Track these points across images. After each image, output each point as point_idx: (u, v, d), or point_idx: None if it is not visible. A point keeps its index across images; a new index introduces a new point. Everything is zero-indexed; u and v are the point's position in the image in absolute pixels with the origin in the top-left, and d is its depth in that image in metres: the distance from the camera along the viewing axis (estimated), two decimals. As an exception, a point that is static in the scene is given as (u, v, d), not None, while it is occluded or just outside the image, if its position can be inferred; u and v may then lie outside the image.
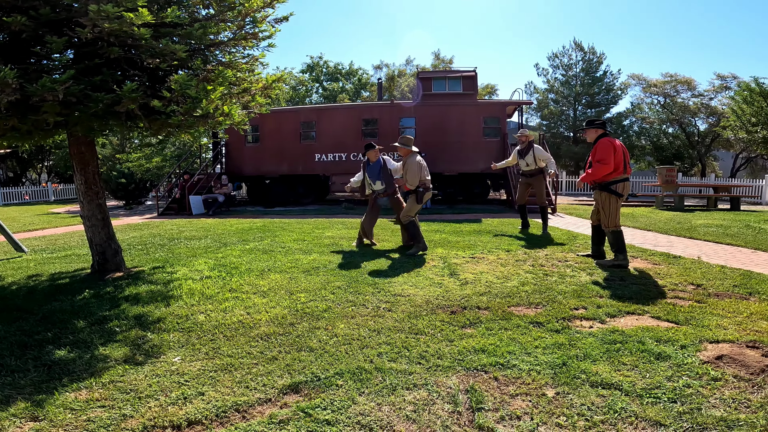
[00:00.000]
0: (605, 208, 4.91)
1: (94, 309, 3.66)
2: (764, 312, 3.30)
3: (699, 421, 1.95)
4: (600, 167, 4.78)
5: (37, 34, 3.42)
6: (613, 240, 4.88)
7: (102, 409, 2.19)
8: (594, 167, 4.84)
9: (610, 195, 4.86)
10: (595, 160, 4.83)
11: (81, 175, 4.45)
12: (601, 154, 4.78)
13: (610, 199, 4.87)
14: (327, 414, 2.12)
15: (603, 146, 4.81)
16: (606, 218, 4.91)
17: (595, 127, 5.08)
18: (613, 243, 4.88)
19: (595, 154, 4.85)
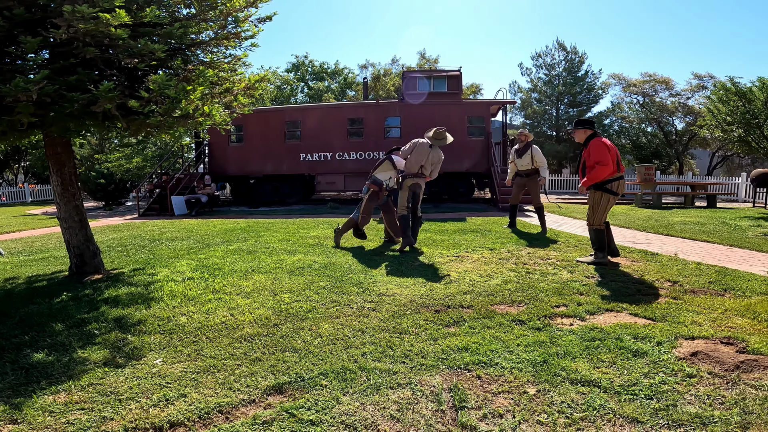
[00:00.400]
0: (595, 206, 4.92)
1: (73, 312, 3.59)
2: (738, 308, 3.40)
3: (674, 417, 2.00)
4: (601, 169, 4.75)
5: (11, 34, 3.34)
6: (595, 238, 4.93)
7: (81, 412, 2.17)
8: (594, 170, 4.79)
9: (604, 194, 4.86)
10: (593, 162, 4.80)
11: (57, 176, 4.35)
12: (598, 156, 4.76)
13: (602, 197, 4.87)
14: (311, 414, 2.12)
15: (597, 148, 4.80)
16: (592, 216, 4.94)
17: (584, 127, 5.06)
18: (595, 241, 4.94)
19: (590, 156, 4.83)
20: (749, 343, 2.72)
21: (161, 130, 3.90)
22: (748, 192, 15.33)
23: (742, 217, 9.35)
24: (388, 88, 27.69)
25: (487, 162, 13.88)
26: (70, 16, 2.90)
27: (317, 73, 32.78)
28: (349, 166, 14.46)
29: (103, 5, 2.96)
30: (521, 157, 7.49)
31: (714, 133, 12.11)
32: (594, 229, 4.94)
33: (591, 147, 4.84)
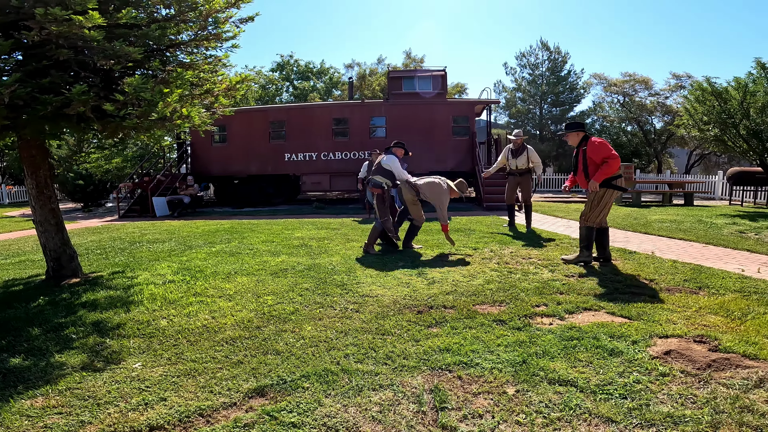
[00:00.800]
0: (595, 203, 4.84)
1: (50, 316, 3.54)
2: (712, 306, 3.49)
3: (647, 417, 2.04)
4: (612, 163, 4.68)
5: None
6: (586, 235, 4.89)
7: (59, 416, 2.16)
8: (606, 165, 4.70)
9: (608, 190, 4.80)
10: (601, 158, 4.73)
11: (32, 179, 4.26)
12: (605, 152, 4.72)
13: (606, 194, 4.81)
14: (293, 417, 2.12)
15: (602, 145, 4.77)
16: (589, 212, 4.87)
17: (577, 129, 5.05)
18: (584, 238, 4.90)
19: (597, 153, 4.76)
20: (721, 341, 2.80)
21: (138, 133, 3.84)
22: (724, 190, 15.73)
23: (718, 215, 9.59)
24: (373, 88, 27.67)
25: (472, 161, 13.97)
26: (42, 19, 2.85)
27: (303, 72, 32.59)
28: (334, 166, 14.43)
29: (75, 8, 2.90)
30: (517, 158, 7.63)
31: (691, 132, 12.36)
32: (587, 227, 4.89)
33: (594, 145, 4.80)
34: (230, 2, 4.24)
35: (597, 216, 4.85)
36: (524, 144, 7.71)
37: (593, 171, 4.82)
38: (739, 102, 10.29)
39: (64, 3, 2.93)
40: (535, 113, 27.43)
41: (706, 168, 26.94)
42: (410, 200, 5.92)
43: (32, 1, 3.00)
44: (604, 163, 4.71)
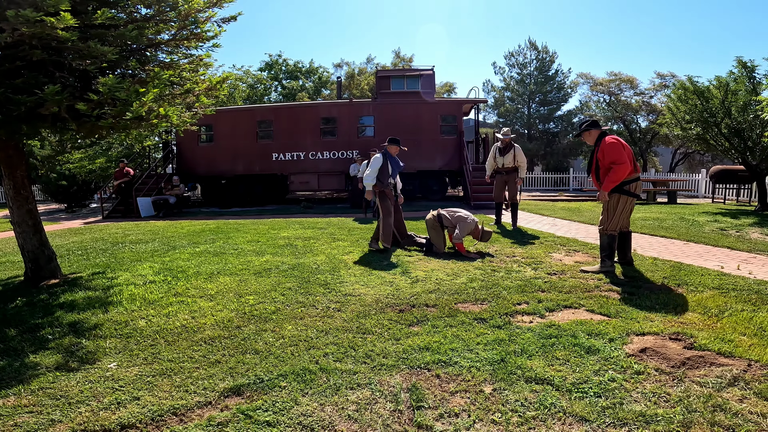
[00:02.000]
0: (610, 210, 4.52)
1: (26, 317, 3.50)
2: (690, 303, 3.53)
3: (620, 416, 2.05)
4: (618, 169, 4.33)
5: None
6: (606, 244, 4.54)
7: (30, 415, 2.15)
8: (612, 171, 4.36)
9: (621, 196, 4.47)
10: (608, 162, 4.40)
11: (9, 179, 4.19)
12: (613, 155, 4.35)
13: (620, 201, 4.48)
14: (268, 415, 2.11)
15: (612, 147, 4.38)
16: (607, 221, 4.54)
17: (593, 128, 4.68)
18: (605, 247, 4.54)
19: (605, 157, 4.42)
20: (697, 338, 2.83)
21: (115, 132, 3.79)
22: (707, 188, 15.97)
23: (700, 213, 9.73)
24: (362, 87, 27.61)
25: (460, 160, 14.01)
26: (14, 20, 2.80)
27: (291, 72, 32.39)
28: (322, 166, 14.38)
29: (48, 9, 2.85)
30: (504, 156, 7.67)
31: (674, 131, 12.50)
32: (607, 235, 4.53)
33: (605, 147, 4.42)
34: (212, 2, 4.20)
35: (616, 223, 4.52)
36: (512, 143, 7.75)
37: (603, 174, 4.51)
38: (720, 101, 10.44)
39: (36, 4, 2.88)
40: (523, 112, 27.56)
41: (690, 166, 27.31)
42: (431, 225, 5.80)
43: (5, 2, 2.94)
44: (611, 168, 4.37)
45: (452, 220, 5.62)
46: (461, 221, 5.54)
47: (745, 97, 10.13)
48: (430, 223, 5.80)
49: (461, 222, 5.53)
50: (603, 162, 4.47)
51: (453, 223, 5.59)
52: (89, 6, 3.57)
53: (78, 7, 3.32)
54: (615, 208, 4.52)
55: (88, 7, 3.55)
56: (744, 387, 2.27)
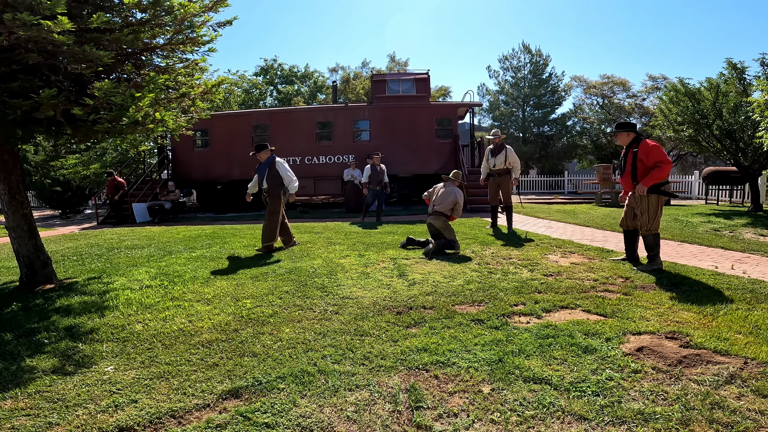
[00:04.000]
0: (650, 211, 4.67)
1: (22, 321, 3.48)
2: (685, 303, 3.56)
3: (619, 414, 2.06)
4: (665, 168, 4.51)
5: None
6: (654, 243, 4.69)
7: (27, 418, 2.14)
8: (657, 170, 4.54)
9: (659, 196, 4.65)
10: (653, 162, 4.56)
11: (4, 184, 4.17)
12: (659, 155, 4.56)
13: (659, 200, 4.66)
14: (266, 417, 2.11)
15: (657, 148, 4.59)
16: (650, 222, 4.68)
17: (628, 130, 4.85)
18: (653, 246, 4.69)
19: (649, 156, 4.58)
20: (693, 337, 2.85)
21: (111, 137, 3.78)
22: (700, 189, 16.10)
23: (694, 214, 9.81)
24: (357, 92, 27.70)
25: (455, 164, 14.06)
26: (10, 23, 2.80)
27: (287, 76, 32.46)
28: (318, 170, 14.39)
29: (44, 12, 2.86)
30: (495, 157, 7.66)
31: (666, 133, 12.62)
32: (653, 234, 4.69)
33: (646, 147, 4.62)
34: (207, 6, 4.22)
35: (658, 222, 4.72)
36: (503, 144, 7.75)
37: (642, 174, 4.66)
38: (711, 102, 10.55)
39: (32, 8, 2.88)
40: (518, 116, 27.73)
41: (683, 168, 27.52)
42: (444, 224, 5.99)
43: (1, 6, 2.94)
44: (655, 168, 4.55)
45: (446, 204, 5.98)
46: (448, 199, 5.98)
47: (736, 99, 10.24)
48: (442, 223, 5.92)
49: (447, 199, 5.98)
50: (647, 162, 4.61)
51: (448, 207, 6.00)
52: (84, 10, 3.58)
53: (73, 11, 3.32)
54: (656, 208, 4.68)
55: (84, 11, 3.56)
56: (741, 384, 2.29)
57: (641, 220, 4.76)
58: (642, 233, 4.78)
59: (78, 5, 3.53)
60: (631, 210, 4.94)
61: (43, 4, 2.89)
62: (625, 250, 5.14)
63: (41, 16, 2.90)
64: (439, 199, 6.04)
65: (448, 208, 6.02)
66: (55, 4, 2.90)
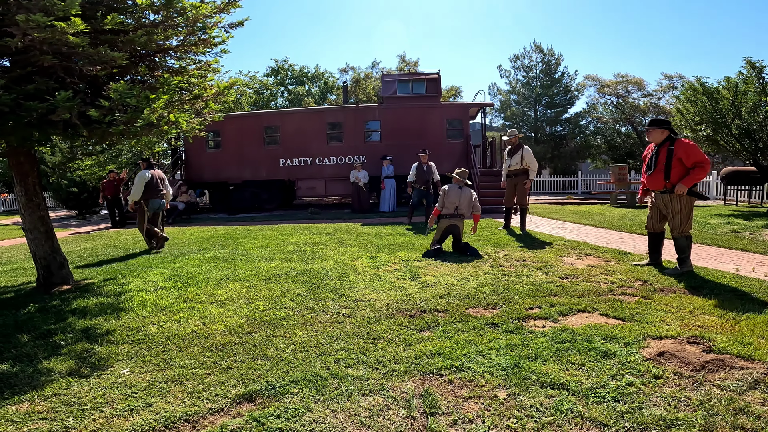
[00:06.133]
0: (682, 212, 4.54)
1: (39, 323, 3.51)
2: (706, 306, 3.48)
3: (640, 420, 2.01)
4: (705, 169, 4.39)
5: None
6: (686, 245, 4.57)
7: (43, 421, 2.14)
8: (696, 171, 4.41)
9: (690, 198, 4.53)
10: (692, 162, 4.42)
11: (21, 186, 4.22)
12: (698, 156, 4.41)
13: (690, 201, 4.54)
14: (280, 422, 2.09)
15: (695, 148, 4.46)
16: (682, 223, 4.55)
17: (662, 127, 4.67)
18: (685, 248, 4.56)
19: (688, 157, 4.44)
20: (715, 342, 2.78)
21: (126, 139, 3.81)
22: (718, 190, 15.78)
23: (712, 215, 9.61)
24: (368, 92, 27.70)
25: (467, 164, 13.96)
26: (24, 25, 2.82)
27: (297, 77, 32.59)
28: (329, 171, 14.40)
29: (58, 14, 2.88)
30: (511, 158, 7.57)
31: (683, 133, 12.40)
32: (685, 236, 4.56)
33: (686, 146, 4.47)
34: (219, 8, 4.23)
35: (690, 224, 4.59)
36: (520, 144, 7.63)
37: (677, 172, 4.51)
38: (730, 102, 10.33)
39: (46, 9, 2.90)
40: (529, 115, 27.47)
41: (701, 168, 27.04)
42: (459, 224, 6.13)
43: (14, 8, 2.97)
44: (696, 167, 4.41)
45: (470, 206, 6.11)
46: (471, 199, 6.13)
47: (755, 98, 10.02)
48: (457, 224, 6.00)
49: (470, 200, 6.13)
50: (686, 161, 4.47)
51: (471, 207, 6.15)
52: (98, 12, 3.60)
53: (87, 13, 3.35)
54: (689, 209, 4.57)
55: (98, 12, 3.58)
56: (765, 390, 2.22)
57: (673, 222, 4.61)
58: (674, 235, 4.63)
59: (92, 6, 3.55)
60: (657, 211, 4.80)
61: (56, 5, 2.91)
62: (649, 254, 4.99)
63: (55, 18, 2.92)
64: (465, 203, 6.07)
65: (471, 208, 6.15)
66: (69, 5, 2.92)
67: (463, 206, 6.06)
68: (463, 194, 6.09)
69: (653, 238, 4.93)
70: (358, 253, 6.07)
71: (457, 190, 6.13)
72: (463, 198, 6.07)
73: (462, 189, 6.15)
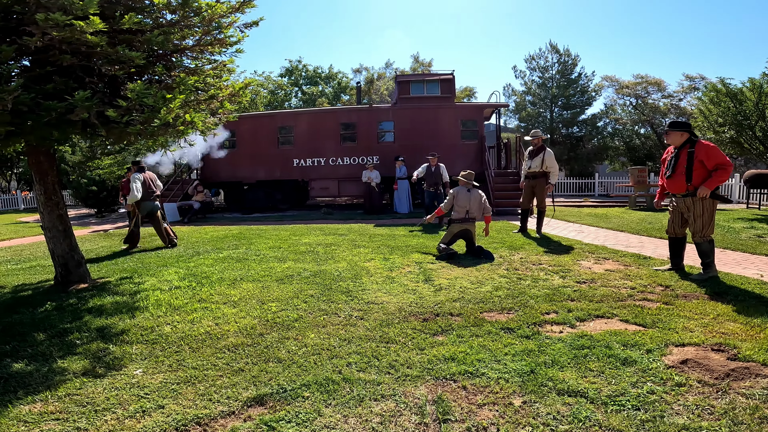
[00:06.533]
0: (704, 216, 4.45)
1: (55, 321, 3.55)
2: (730, 313, 3.36)
3: (661, 429, 1.95)
4: (728, 171, 4.32)
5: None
6: (710, 250, 4.47)
7: (56, 422, 2.15)
8: (718, 173, 4.33)
9: (713, 201, 4.45)
10: (714, 164, 4.34)
11: (40, 185, 4.29)
12: (720, 158, 4.32)
13: (713, 205, 4.46)
14: (291, 427, 2.07)
15: (716, 150, 4.37)
16: (704, 228, 4.45)
17: (682, 129, 4.57)
18: (708, 253, 4.47)
19: (710, 159, 4.34)
20: (741, 349, 2.68)
21: (143, 138, 3.84)
22: (741, 193, 15.37)
23: (735, 219, 9.35)
24: (381, 93, 27.71)
25: (481, 165, 13.85)
26: (43, 24, 2.85)
27: (311, 77, 32.76)
28: (342, 172, 14.41)
29: (76, 13, 2.90)
30: (533, 159, 7.47)
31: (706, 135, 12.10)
32: (708, 240, 4.47)
33: (708, 148, 4.39)
34: (234, 7, 4.24)
35: (713, 228, 4.51)
36: (543, 146, 7.50)
37: (699, 175, 4.42)
38: (754, 103, 10.06)
39: (65, 8, 2.93)
40: (545, 116, 27.14)
41: (723, 170, 26.42)
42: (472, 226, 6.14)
43: (34, 7, 3.01)
44: (718, 170, 4.33)
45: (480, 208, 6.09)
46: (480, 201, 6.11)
47: (781, 99, 9.74)
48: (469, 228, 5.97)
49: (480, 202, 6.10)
50: (708, 164, 4.38)
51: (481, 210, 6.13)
52: (117, 11, 3.63)
53: (106, 12, 3.38)
54: (711, 212, 4.47)
55: (116, 12, 3.61)
56: (794, 401, 2.13)
57: (695, 226, 4.50)
58: (696, 240, 4.51)
59: (110, 6, 3.58)
60: (678, 215, 4.68)
61: (75, 4, 2.93)
62: (671, 259, 4.86)
63: (74, 17, 2.94)
64: (475, 206, 6.02)
65: (482, 210, 6.11)
66: (87, 4, 2.95)
67: (473, 209, 5.99)
68: (473, 196, 6.03)
69: (674, 243, 4.80)
70: (371, 254, 6.04)
71: (466, 192, 6.06)
72: (473, 200, 6.00)
73: (471, 191, 6.08)
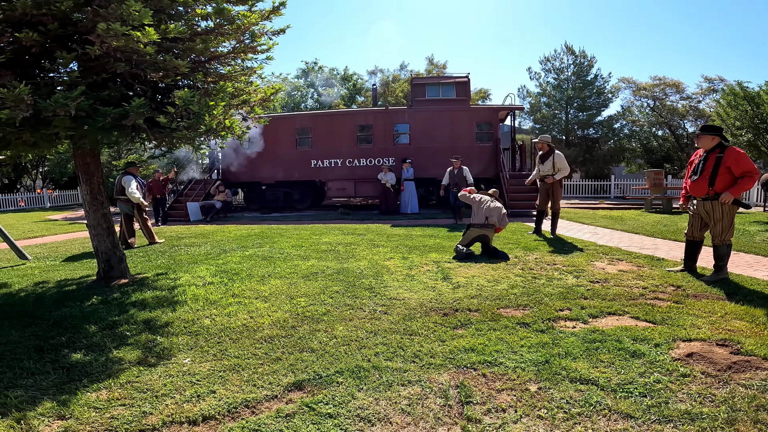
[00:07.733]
0: (724, 220, 4.54)
1: (104, 314, 3.82)
2: (738, 312, 3.52)
3: (665, 413, 2.15)
4: (753, 179, 4.42)
5: (45, 48, 3.59)
6: (726, 253, 4.60)
7: (123, 408, 2.37)
8: (744, 180, 4.41)
9: (733, 206, 4.53)
10: (741, 171, 4.41)
11: (86, 185, 4.61)
12: (748, 165, 4.41)
13: (733, 209, 4.54)
14: (329, 408, 2.31)
15: (745, 157, 4.44)
16: (724, 231, 4.55)
17: (713, 133, 4.61)
18: (724, 256, 4.59)
19: (738, 165, 4.41)
20: (744, 344, 2.86)
21: (186, 143, 4.13)
22: (759, 196, 15.24)
23: (751, 222, 9.37)
24: (396, 95, 27.92)
25: (496, 167, 13.99)
26: (104, 33, 3.13)
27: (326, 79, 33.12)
28: (358, 173, 14.67)
29: (133, 23, 3.18)
30: (543, 163, 7.67)
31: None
32: (727, 244, 4.58)
33: (737, 154, 4.45)
34: (264, 15, 4.51)
35: (732, 232, 4.62)
36: (552, 149, 7.69)
37: (724, 180, 4.49)
38: (772, 106, 10.05)
39: (123, 18, 3.21)
40: (560, 118, 27.05)
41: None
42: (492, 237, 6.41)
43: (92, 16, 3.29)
44: (745, 177, 4.41)
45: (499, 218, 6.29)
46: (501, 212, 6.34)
47: (800, 102, 9.72)
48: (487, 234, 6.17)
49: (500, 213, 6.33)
50: (735, 170, 4.45)
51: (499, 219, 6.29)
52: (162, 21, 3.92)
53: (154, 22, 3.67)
54: (731, 217, 4.57)
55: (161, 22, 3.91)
56: (790, 391, 2.31)
57: (715, 230, 4.60)
58: (715, 243, 4.63)
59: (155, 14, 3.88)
60: (698, 219, 4.78)
61: (132, 15, 3.21)
62: (684, 260, 5.00)
63: (131, 27, 3.23)
64: (496, 215, 6.28)
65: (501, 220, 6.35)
66: (143, 15, 3.23)
67: (494, 217, 6.26)
68: (495, 207, 6.35)
69: (691, 246, 4.93)
70: (390, 253, 6.28)
71: (491, 202, 6.39)
72: (494, 210, 6.30)
73: (494, 202, 6.43)
